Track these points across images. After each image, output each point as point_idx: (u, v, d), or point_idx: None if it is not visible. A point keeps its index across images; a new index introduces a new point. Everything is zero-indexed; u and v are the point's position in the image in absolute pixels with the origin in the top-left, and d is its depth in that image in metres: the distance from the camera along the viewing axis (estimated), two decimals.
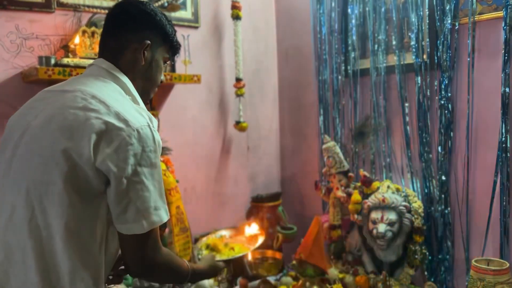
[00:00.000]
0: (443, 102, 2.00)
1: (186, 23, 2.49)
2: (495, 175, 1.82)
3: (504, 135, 1.79)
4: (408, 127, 2.17)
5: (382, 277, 1.98)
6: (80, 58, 1.98)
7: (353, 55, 2.40)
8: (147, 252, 1.09)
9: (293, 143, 2.90)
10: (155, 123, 1.13)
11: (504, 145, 1.79)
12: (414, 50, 2.09)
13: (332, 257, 2.25)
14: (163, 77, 1.32)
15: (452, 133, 2.00)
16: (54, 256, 1.01)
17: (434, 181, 2.07)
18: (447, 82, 1.99)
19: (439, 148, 2.03)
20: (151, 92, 1.29)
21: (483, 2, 1.85)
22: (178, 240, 2.06)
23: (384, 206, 2.00)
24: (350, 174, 2.24)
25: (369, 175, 2.17)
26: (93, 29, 2.06)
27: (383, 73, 2.26)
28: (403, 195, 2.05)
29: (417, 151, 2.13)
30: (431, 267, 2.08)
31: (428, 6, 2.03)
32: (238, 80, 2.62)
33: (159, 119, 2.33)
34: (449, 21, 1.95)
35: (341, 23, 2.46)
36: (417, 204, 2.02)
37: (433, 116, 2.07)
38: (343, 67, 2.46)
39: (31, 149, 1.04)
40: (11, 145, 1.09)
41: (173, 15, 2.39)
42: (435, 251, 2.07)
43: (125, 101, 1.11)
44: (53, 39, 2.05)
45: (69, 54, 1.98)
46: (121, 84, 1.17)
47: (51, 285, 1.01)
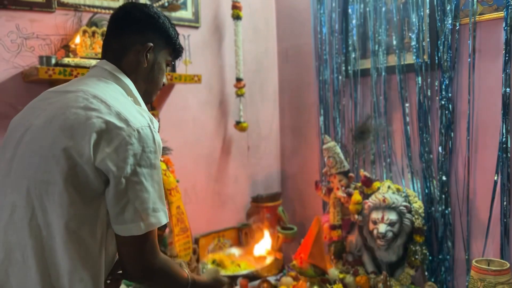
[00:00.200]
0: (443, 102, 2.01)
1: (186, 23, 2.49)
2: (496, 175, 1.83)
3: (504, 136, 1.79)
4: (408, 128, 2.17)
5: (382, 277, 1.97)
6: (80, 58, 1.98)
7: (354, 55, 2.40)
8: (145, 255, 1.07)
9: (293, 143, 2.90)
10: (156, 124, 1.13)
11: (504, 146, 1.79)
12: (414, 50, 2.09)
13: (332, 257, 2.24)
14: (165, 80, 1.32)
15: (452, 134, 2.00)
16: (54, 255, 1.01)
17: (434, 182, 2.07)
18: (447, 82, 1.99)
19: (440, 148, 2.03)
20: (153, 94, 1.30)
21: (484, 2, 1.85)
22: (178, 240, 2.06)
23: (384, 206, 2.00)
24: (350, 174, 2.24)
25: (369, 175, 2.16)
26: (94, 29, 2.06)
27: (384, 73, 2.26)
28: (403, 195, 2.05)
29: (418, 151, 2.13)
30: (432, 268, 2.08)
31: (428, 6, 2.03)
32: (238, 80, 2.62)
33: (159, 119, 2.33)
34: (450, 22, 1.95)
35: (342, 23, 2.46)
36: (418, 204, 2.02)
37: (434, 116, 2.07)
38: (344, 67, 2.46)
39: (32, 148, 1.04)
40: (12, 144, 1.09)
41: (174, 15, 2.39)
42: (436, 251, 2.07)
43: (126, 102, 1.12)
44: (54, 39, 2.05)
45: (70, 54, 1.98)
46: (123, 85, 1.18)
47: (51, 284, 1.01)
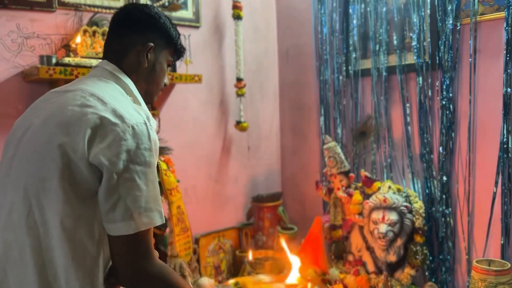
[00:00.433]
0: (444, 102, 2.00)
1: (187, 23, 2.49)
2: (497, 175, 1.83)
3: (505, 136, 1.79)
4: (409, 128, 2.16)
5: (383, 277, 1.97)
6: (81, 57, 1.97)
7: (354, 55, 2.40)
8: (137, 259, 1.04)
9: (294, 143, 2.90)
10: (153, 122, 1.13)
11: (505, 146, 1.79)
12: (415, 50, 2.09)
13: (333, 257, 2.24)
14: (167, 80, 1.32)
15: (453, 134, 2.00)
16: (51, 253, 1.00)
17: (435, 182, 2.07)
18: (448, 82, 1.99)
19: (440, 148, 2.03)
20: (155, 94, 1.29)
21: (485, 2, 1.85)
22: (178, 240, 2.06)
23: (385, 206, 2.00)
24: (351, 174, 2.24)
25: (370, 176, 2.16)
26: (94, 28, 2.05)
27: (384, 73, 2.26)
28: (404, 196, 2.05)
29: (418, 151, 2.13)
30: (432, 268, 2.08)
31: (429, 6, 2.02)
32: (238, 80, 2.61)
33: (159, 118, 2.33)
34: (451, 22, 1.95)
35: (342, 23, 2.45)
36: (418, 204, 2.02)
37: (435, 116, 2.07)
38: (344, 67, 2.46)
39: (30, 146, 1.05)
40: (13, 144, 1.10)
41: (174, 14, 2.39)
42: (436, 251, 2.07)
43: (124, 100, 1.12)
44: (54, 39, 2.05)
45: (70, 53, 1.98)
46: (123, 85, 1.18)
47: (48, 282, 1.01)
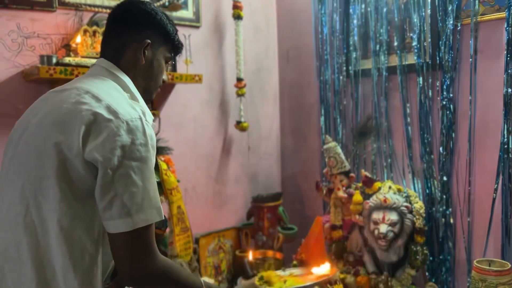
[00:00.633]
0: (444, 102, 2.00)
1: (187, 23, 2.48)
2: (497, 176, 1.83)
3: (506, 136, 1.79)
4: (409, 128, 2.16)
5: (383, 277, 1.97)
6: (81, 57, 1.97)
7: (355, 56, 2.40)
8: (137, 256, 1.02)
9: (294, 143, 2.89)
10: (149, 117, 1.12)
11: (506, 146, 1.79)
12: (416, 50, 2.09)
13: (333, 257, 2.24)
14: (165, 77, 1.31)
15: (453, 134, 2.00)
16: (49, 252, 1.00)
17: (435, 182, 2.07)
18: (449, 82, 1.99)
19: (441, 148, 2.03)
20: (153, 91, 1.28)
21: (486, 2, 1.85)
22: (179, 240, 2.06)
23: (385, 206, 1.99)
24: (351, 174, 2.24)
25: (370, 176, 2.16)
26: (95, 28, 2.05)
27: (385, 73, 2.26)
28: (404, 196, 2.05)
29: (419, 151, 2.13)
30: (432, 268, 2.08)
31: (430, 6, 2.02)
32: (239, 80, 2.61)
33: (160, 118, 2.33)
34: (451, 22, 1.95)
35: (343, 23, 2.45)
36: (419, 204, 2.02)
37: (435, 116, 2.07)
38: (345, 68, 2.46)
39: (27, 146, 1.05)
40: (13, 144, 1.11)
41: (174, 14, 2.38)
42: (437, 251, 2.07)
43: (119, 96, 1.11)
44: (55, 38, 2.05)
45: (71, 53, 1.98)
46: (120, 82, 1.17)
47: (46, 280, 1.00)
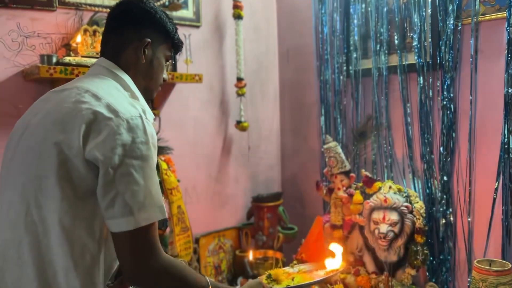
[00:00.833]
0: (445, 102, 2.00)
1: (187, 22, 2.48)
2: (497, 175, 1.82)
3: (506, 136, 1.79)
4: (410, 128, 2.16)
5: (383, 277, 1.97)
6: (81, 57, 1.97)
7: (355, 55, 2.40)
8: (140, 255, 1.02)
9: (294, 143, 2.89)
10: (150, 116, 1.11)
11: (506, 146, 1.79)
12: (416, 50, 2.09)
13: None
14: (165, 76, 1.31)
15: (454, 134, 2.00)
16: (50, 251, 1.00)
17: (436, 182, 2.07)
18: (449, 82, 1.98)
19: (441, 148, 2.03)
20: (154, 90, 1.28)
21: (486, 2, 1.85)
22: (179, 239, 2.06)
23: (385, 206, 1.99)
24: (351, 174, 2.23)
25: (371, 176, 2.16)
26: (95, 27, 2.05)
27: (385, 73, 2.26)
28: (404, 196, 2.05)
29: (419, 151, 2.13)
30: (433, 268, 2.08)
31: (430, 6, 2.02)
32: (239, 79, 2.61)
33: (160, 118, 2.33)
34: (452, 22, 1.95)
35: (343, 23, 2.45)
36: (419, 204, 2.01)
37: (435, 116, 2.06)
38: (345, 67, 2.46)
39: (28, 145, 1.05)
40: (13, 145, 1.11)
41: (175, 14, 2.38)
42: (437, 251, 2.07)
43: (119, 95, 1.11)
44: (55, 38, 2.05)
45: (71, 52, 1.98)
46: (120, 81, 1.17)
47: (47, 280, 1.00)
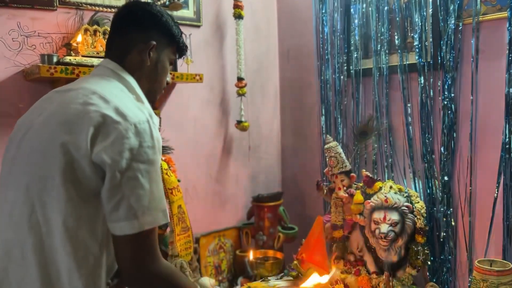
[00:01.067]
0: (446, 102, 2.00)
1: (188, 22, 2.48)
2: (498, 176, 1.82)
3: (507, 136, 1.79)
4: (410, 128, 2.16)
5: (384, 277, 1.97)
6: (82, 56, 1.97)
7: (356, 55, 2.40)
8: (141, 258, 1.03)
9: (295, 143, 2.89)
10: (156, 120, 1.12)
11: (507, 146, 1.79)
12: (417, 50, 2.09)
13: (333, 257, 2.24)
14: (169, 78, 1.32)
15: (455, 134, 2.00)
16: (53, 252, 1.00)
17: (436, 182, 2.07)
18: (450, 82, 1.98)
19: (442, 148, 2.03)
20: (157, 93, 1.29)
21: (487, 2, 1.84)
22: (179, 239, 2.05)
23: (386, 206, 1.99)
24: (352, 174, 2.23)
25: (371, 175, 2.16)
26: (95, 27, 2.05)
27: (386, 73, 2.26)
28: (405, 196, 2.04)
29: (420, 151, 2.13)
30: (433, 268, 2.08)
31: (431, 6, 2.02)
32: (239, 79, 2.61)
33: (160, 118, 2.32)
34: (453, 22, 1.95)
35: (344, 23, 2.45)
36: (420, 204, 2.01)
37: (436, 116, 2.06)
38: (345, 67, 2.45)
39: (32, 145, 1.05)
40: (15, 144, 1.10)
41: (175, 13, 2.38)
42: (438, 251, 2.07)
43: (126, 98, 1.12)
44: (55, 37, 2.04)
45: (71, 52, 1.97)
46: (125, 83, 1.18)
47: (51, 281, 1.00)
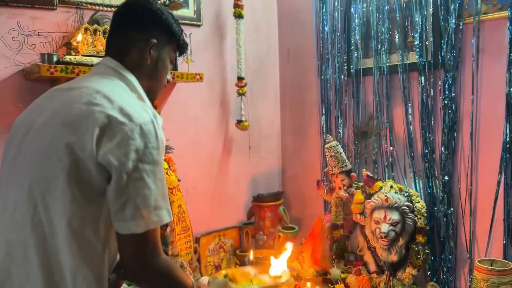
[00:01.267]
0: (446, 102, 2.00)
1: (188, 21, 2.48)
2: (499, 175, 1.82)
3: (508, 136, 1.79)
4: (411, 127, 2.16)
5: (384, 277, 1.97)
6: (82, 55, 1.96)
7: (356, 55, 2.39)
8: (145, 255, 1.04)
9: (295, 143, 2.89)
10: (159, 120, 1.12)
11: (508, 146, 1.79)
12: (417, 49, 2.09)
13: (334, 257, 2.24)
14: (169, 77, 1.32)
15: (455, 133, 2.00)
16: (57, 252, 1.00)
17: (437, 181, 2.06)
18: (451, 82, 1.98)
19: (443, 148, 2.03)
20: (158, 91, 1.29)
21: (488, 2, 1.84)
22: (179, 239, 2.06)
23: (387, 206, 1.99)
24: (352, 173, 2.23)
25: (372, 175, 2.16)
26: (95, 26, 2.04)
27: (386, 72, 2.25)
28: (406, 195, 2.04)
29: (420, 151, 2.13)
30: (434, 268, 2.08)
31: (432, 5, 2.02)
32: (240, 79, 2.60)
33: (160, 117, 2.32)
34: (453, 21, 1.95)
35: (344, 22, 2.45)
36: (420, 204, 2.01)
37: (437, 116, 2.06)
38: (346, 67, 2.45)
39: (34, 145, 1.04)
40: (16, 143, 1.09)
41: (175, 13, 2.35)
42: (438, 251, 2.07)
43: (129, 97, 1.11)
44: (55, 37, 2.04)
45: (71, 51, 1.97)
46: (127, 81, 1.17)
47: (54, 281, 1.00)
